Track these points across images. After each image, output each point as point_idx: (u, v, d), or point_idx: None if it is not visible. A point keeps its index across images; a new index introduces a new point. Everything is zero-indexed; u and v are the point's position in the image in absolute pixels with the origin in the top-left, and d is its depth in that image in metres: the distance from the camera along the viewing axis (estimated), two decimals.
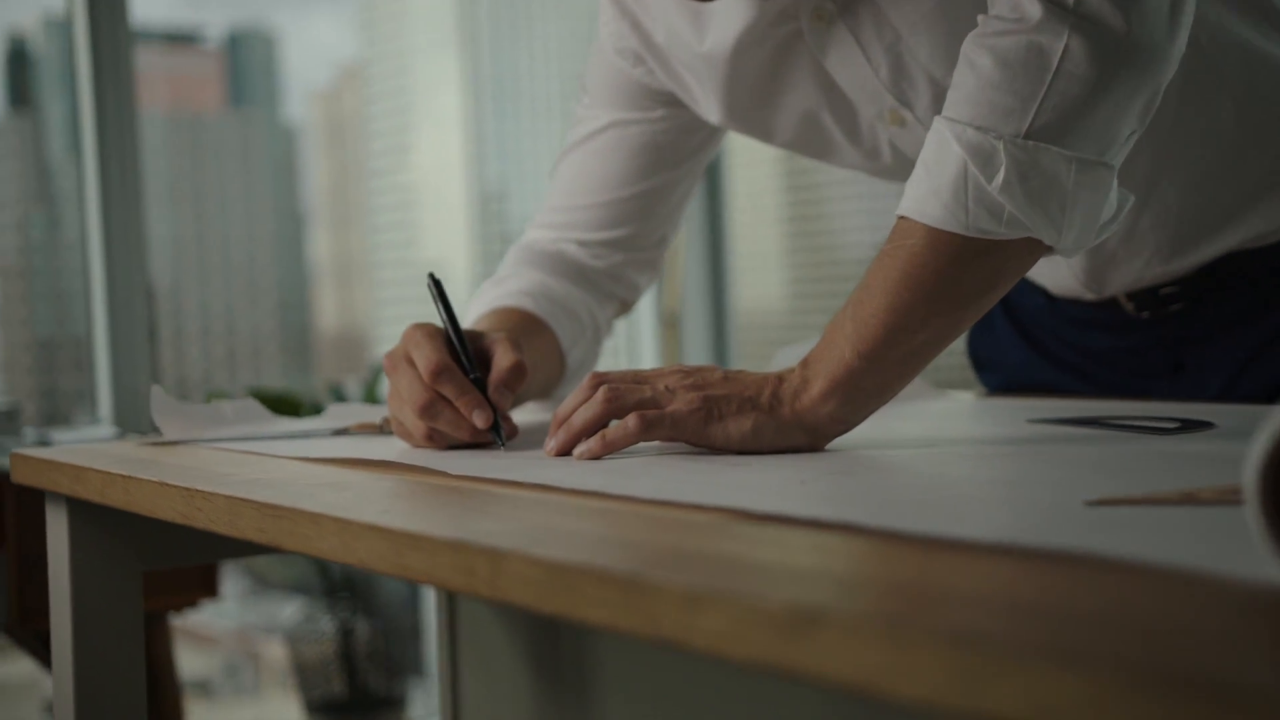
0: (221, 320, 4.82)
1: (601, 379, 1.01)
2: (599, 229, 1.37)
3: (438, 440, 1.07)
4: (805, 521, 0.68)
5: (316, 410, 2.70)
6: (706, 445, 0.97)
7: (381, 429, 1.20)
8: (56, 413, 3.97)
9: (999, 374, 1.48)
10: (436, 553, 0.69)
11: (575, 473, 0.90)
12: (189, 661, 4.38)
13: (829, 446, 0.98)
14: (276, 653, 3.48)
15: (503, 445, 1.06)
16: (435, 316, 1.14)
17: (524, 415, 1.30)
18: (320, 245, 5.17)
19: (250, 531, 0.85)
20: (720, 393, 0.97)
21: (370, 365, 4.17)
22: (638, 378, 1.01)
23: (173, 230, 4.64)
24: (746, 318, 4.12)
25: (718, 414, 0.96)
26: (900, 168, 1.22)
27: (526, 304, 1.31)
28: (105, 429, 2.82)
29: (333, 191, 5.21)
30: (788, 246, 4.52)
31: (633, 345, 3.76)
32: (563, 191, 1.38)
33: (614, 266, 1.39)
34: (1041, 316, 1.40)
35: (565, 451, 1.00)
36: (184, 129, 4.78)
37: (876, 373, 0.96)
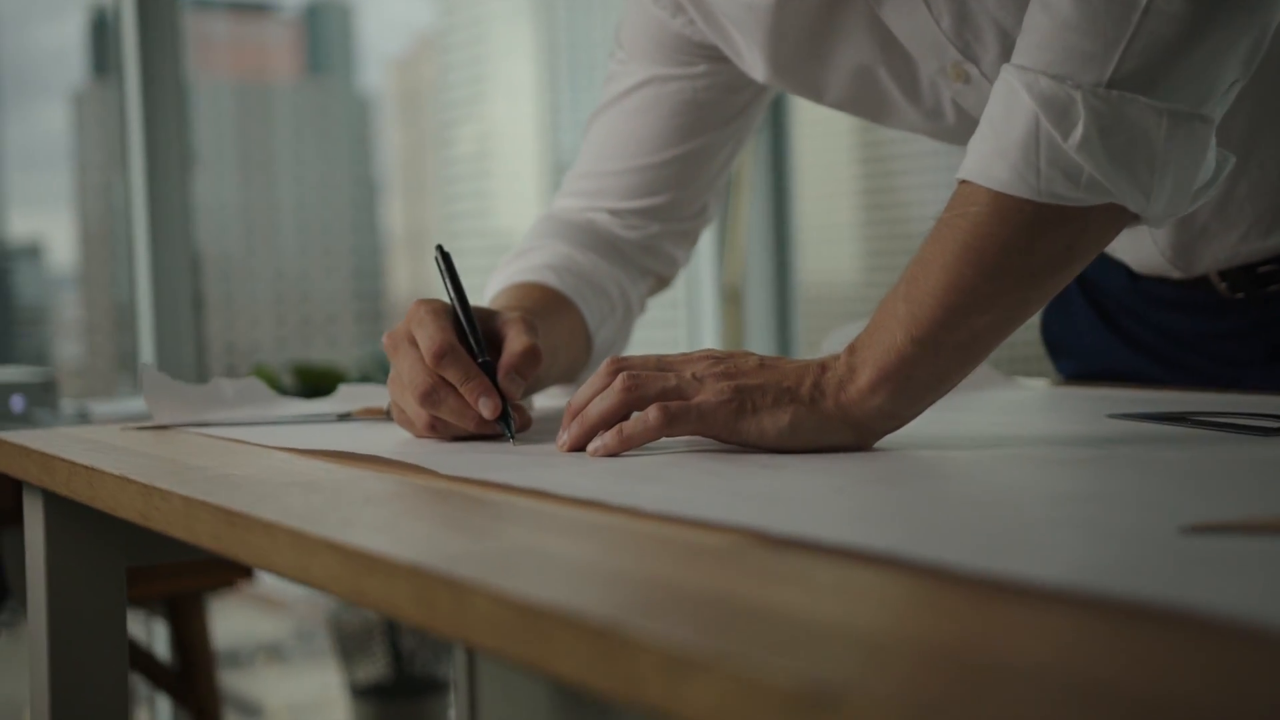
0: (295, 289, 4.76)
1: (621, 364, 0.89)
2: (633, 196, 1.25)
3: (441, 430, 0.96)
4: (834, 549, 0.56)
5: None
6: (738, 441, 0.85)
7: (388, 415, 1.09)
8: (133, 377, 3.96)
9: (1075, 360, 1.35)
10: (394, 579, 0.58)
11: (583, 474, 0.78)
12: (262, 626, 4.35)
13: (877, 445, 0.85)
14: None
15: (512, 438, 0.95)
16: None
17: (547, 400, 1.19)
18: (394, 214, 5.10)
19: (206, 539, 0.75)
20: (754, 382, 0.85)
21: None
22: (662, 364, 0.89)
23: (246, 198, 4.59)
24: (815, 291, 3.99)
25: (751, 406, 0.84)
26: (965, 129, 1.08)
27: (549, 279, 1.19)
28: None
29: (407, 160, 5.13)
30: (860, 219, 4.39)
31: (693, 321, 3.63)
32: (593, 155, 1.26)
33: (649, 238, 1.26)
34: (1123, 297, 1.26)
35: (579, 446, 0.88)
36: (259, 97, 4.73)
37: (932, 360, 0.83)
